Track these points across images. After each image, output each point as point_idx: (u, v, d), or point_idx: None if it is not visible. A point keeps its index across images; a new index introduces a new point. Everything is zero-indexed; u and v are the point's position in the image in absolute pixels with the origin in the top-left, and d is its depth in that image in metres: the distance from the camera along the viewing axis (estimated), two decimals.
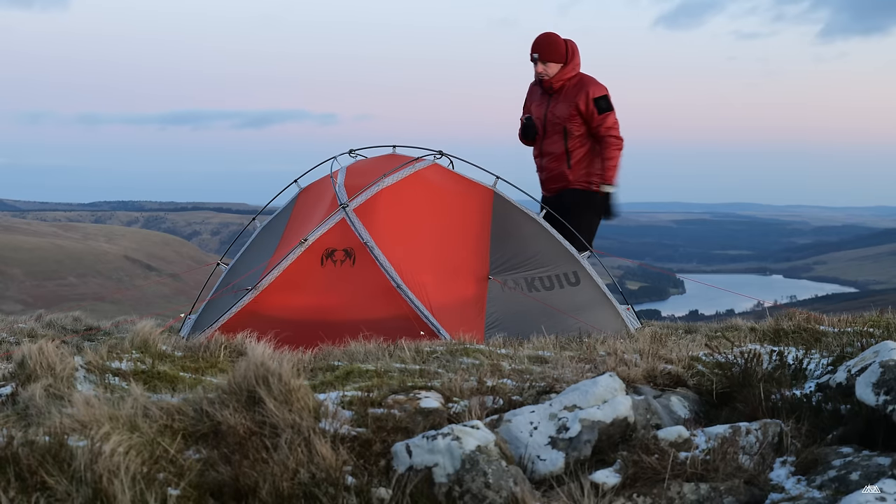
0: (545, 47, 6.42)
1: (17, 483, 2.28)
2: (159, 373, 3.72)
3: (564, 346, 4.43)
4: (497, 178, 7.00)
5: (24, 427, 2.72)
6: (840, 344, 3.91)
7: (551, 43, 6.44)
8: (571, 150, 6.51)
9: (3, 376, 3.59)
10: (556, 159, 6.58)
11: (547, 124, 6.57)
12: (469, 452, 2.42)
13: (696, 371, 3.32)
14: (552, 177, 6.64)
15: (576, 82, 6.51)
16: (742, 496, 2.38)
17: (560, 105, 6.52)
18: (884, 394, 2.57)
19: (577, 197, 6.62)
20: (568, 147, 6.50)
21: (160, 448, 2.47)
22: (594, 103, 6.43)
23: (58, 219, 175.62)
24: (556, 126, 6.55)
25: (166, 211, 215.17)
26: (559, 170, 6.59)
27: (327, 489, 2.35)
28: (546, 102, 6.59)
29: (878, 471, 2.35)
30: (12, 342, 5.96)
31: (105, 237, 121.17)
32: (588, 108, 6.42)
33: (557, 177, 6.61)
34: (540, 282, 6.42)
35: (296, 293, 5.91)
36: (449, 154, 7.22)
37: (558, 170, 6.59)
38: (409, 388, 3.00)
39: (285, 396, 2.66)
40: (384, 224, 6.19)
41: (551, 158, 6.60)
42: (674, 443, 2.58)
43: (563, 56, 6.43)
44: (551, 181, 6.65)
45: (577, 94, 6.46)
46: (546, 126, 6.58)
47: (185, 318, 6.99)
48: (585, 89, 6.45)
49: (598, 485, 2.41)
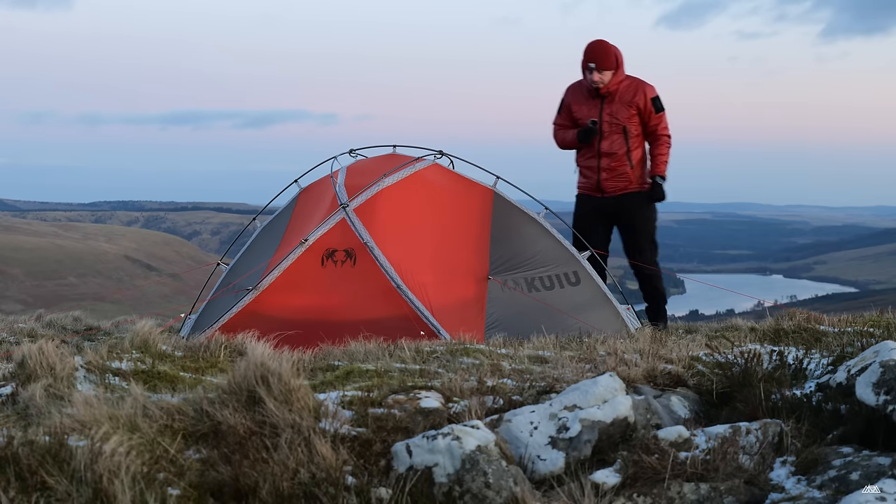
0: (602, 57, 6.60)
1: (17, 483, 2.28)
2: (159, 373, 3.72)
3: (564, 345, 4.43)
4: (497, 178, 7.00)
5: (24, 427, 2.72)
6: (840, 344, 3.90)
7: (606, 52, 6.62)
8: (632, 149, 6.70)
9: (3, 376, 3.60)
10: (617, 159, 6.73)
11: (605, 126, 6.71)
12: (469, 452, 2.42)
13: (696, 371, 3.32)
14: (614, 176, 6.75)
15: (628, 84, 6.69)
16: (742, 496, 2.38)
17: (617, 106, 6.67)
18: (884, 394, 2.57)
19: (642, 198, 6.81)
20: (629, 147, 6.68)
21: (160, 448, 2.47)
22: (652, 103, 6.68)
23: (58, 219, 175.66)
24: (616, 127, 6.70)
25: (166, 211, 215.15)
26: (622, 170, 6.73)
27: (327, 489, 2.35)
28: (599, 105, 6.71)
29: (878, 471, 2.35)
30: (12, 342, 5.97)
31: (105, 237, 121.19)
32: (647, 108, 6.67)
33: (620, 177, 6.74)
34: (540, 281, 6.42)
35: (296, 293, 5.91)
36: (449, 154, 7.22)
37: (621, 170, 6.73)
38: (409, 388, 3.00)
39: (285, 396, 2.66)
40: (384, 224, 6.19)
41: (612, 159, 6.73)
42: (674, 443, 2.58)
43: (614, 63, 6.61)
44: (612, 181, 6.76)
45: (633, 94, 6.66)
46: (603, 128, 6.71)
47: (185, 318, 6.99)
48: (642, 89, 6.67)
49: (598, 485, 2.41)
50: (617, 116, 6.65)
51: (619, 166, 6.71)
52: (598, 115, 6.69)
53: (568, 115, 6.88)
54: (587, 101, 6.76)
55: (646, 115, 6.69)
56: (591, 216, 6.86)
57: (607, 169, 6.73)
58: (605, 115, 6.68)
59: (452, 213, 6.63)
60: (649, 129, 6.76)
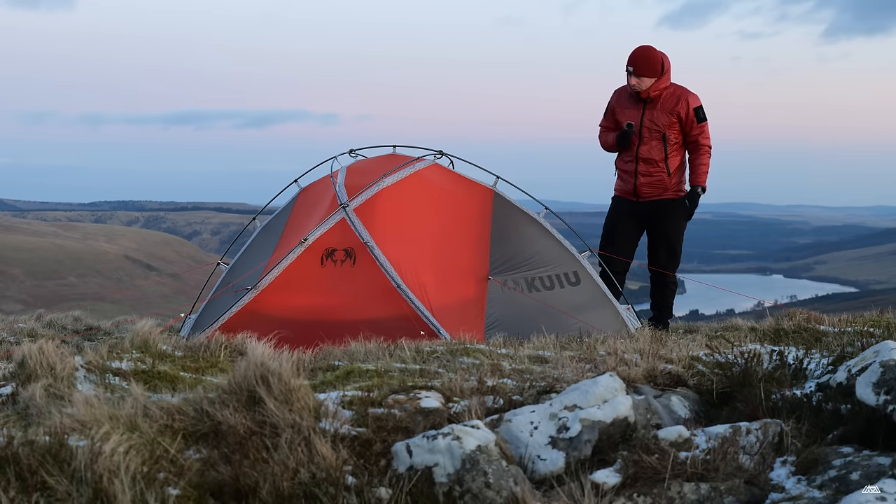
0: (642, 62, 6.59)
1: (17, 483, 2.28)
2: (159, 372, 3.72)
3: (565, 345, 4.43)
4: (497, 178, 7.00)
5: (25, 427, 2.72)
6: (840, 344, 3.90)
7: (648, 58, 6.60)
8: (670, 156, 6.71)
9: (3, 376, 3.60)
10: (654, 165, 6.73)
11: (644, 131, 6.71)
12: (469, 452, 2.42)
13: (696, 371, 3.32)
14: (650, 182, 6.75)
15: (672, 91, 6.68)
16: (742, 496, 2.38)
17: (659, 113, 6.66)
18: (884, 393, 2.57)
19: (676, 205, 6.81)
20: (667, 154, 6.69)
21: (160, 448, 2.47)
22: (694, 112, 6.67)
23: (58, 218, 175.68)
24: (655, 133, 6.69)
25: (166, 211, 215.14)
26: (658, 176, 6.73)
27: (327, 489, 2.35)
28: (641, 110, 6.72)
29: (878, 471, 2.35)
30: (12, 342, 5.97)
31: (105, 237, 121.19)
32: (689, 117, 6.66)
33: (656, 183, 6.75)
34: (540, 281, 6.42)
35: (296, 293, 5.91)
36: (449, 154, 7.23)
37: (657, 176, 6.73)
38: (409, 388, 3.00)
39: (285, 396, 2.66)
40: (384, 224, 6.19)
41: (649, 164, 6.73)
42: (674, 442, 2.58)
43: (657, 71, 6.61)
44: (648, 186, 6.77)
45: (676, 103, 6.65)
46: (643, 133, 6.70)
47: (186, 318, 6.99)
48: (685, 98, 6.66)
49: (598, 484, 2.41)
50: (657, 122, 6.65)
51: (657, 172, 6.71)
52: (639, 120, 6.70)
53: (612, 117, 6.92)
54: (631, 105, 6.78)
55: (687, 125, 6.68)
56: (624, 220, 6.88)
57: (644, 174, 6.74)
58: (646, 121, 6.68)
59: (452, 212, 6.63)
60: (690, 138, 6.74)
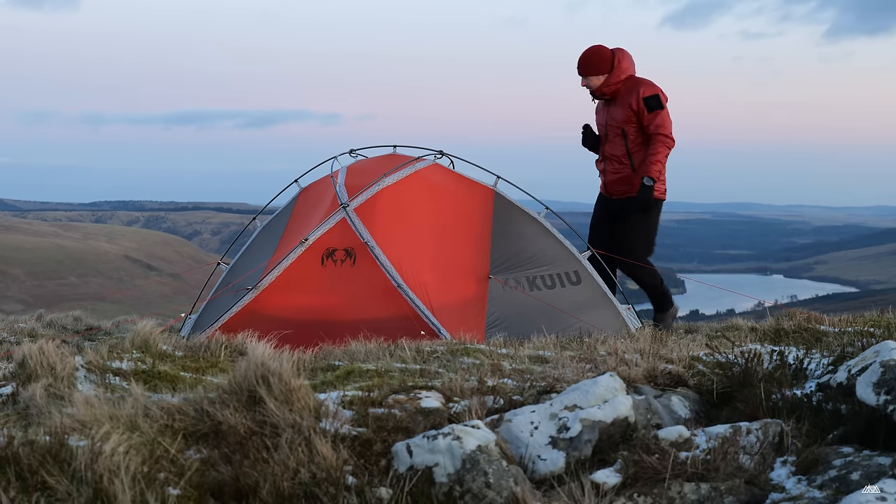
0: (582, 63, 6.64)
1: (17, 483, 2.28)
2: (160, 372, 3.72)
3: (565, 345, 4.43)
4: (498, 178, 7.01)
5: (25, 427, 2.72)
6: (840, 344, 3.90)
7: (587, 58, 6.63)
8: (633, 152, 6.66)
9: (3, 376, 3.60)
10: (619, 162, 6.72)
11: (608, 129, 6.74)
12: (469, 452, 2.42)
13: (696, 371, 3.32)
14: (617, 180, 6.75)
15: (630, 86, 6.64)
16: (742, 496, 2.38)
17: (616, 109, 6.67)
18: (884, 393, 2.57)
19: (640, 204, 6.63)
20: (629, 150, 6.66)
21: (160, 448, 2.47)
22: (644, 102, 6.58)
23: (58, 218, 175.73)
24: (615, 130, 6.69)
25: (167, 211, 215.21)
26: (624, 172, 6.71)
27: (328, 489, 2.35)
28: (606, 109, 6.76)
29: (878, 471, 2.35)
30: (13, 342, 5.96)
31: (105, 237, 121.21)
32: (639, 108, 6.57)
33: (624, 179, 6.73)
34: (542, 280, 6.42)
35: (296, 293, 5.91)
36: (449, 154, 7.23)
37: (623, 172, 6.71)
38: (409, 388, 3.00)
39: (286, 396, 2.66)
40: (385, 224, 6.19)
41: (615, 162, 6.74)
42: (674, 442, 2.58)
43: (602, 68, 6.60)
44: (616, 184, 6.76)
45: (629, 95, 6.62)
46: (607, 131, 6.75)
47: (186, 318, 6.99)
48: (637, 90, 6.61)
49: (598, 484, 2.41)
50: (615, 119, 6.64)
51: (622, 169, 6.69)
52: (605, 120, 6.73)
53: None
54: (601, 107, 6.85)
55: (640, 115, 6.59)
56: (600, 215, 6.92)
57: (612, 171, 6.74)
58: (609, 119, 6.70)
59: (453, 212, 6.63)
60: (645, 129, 6.60)
